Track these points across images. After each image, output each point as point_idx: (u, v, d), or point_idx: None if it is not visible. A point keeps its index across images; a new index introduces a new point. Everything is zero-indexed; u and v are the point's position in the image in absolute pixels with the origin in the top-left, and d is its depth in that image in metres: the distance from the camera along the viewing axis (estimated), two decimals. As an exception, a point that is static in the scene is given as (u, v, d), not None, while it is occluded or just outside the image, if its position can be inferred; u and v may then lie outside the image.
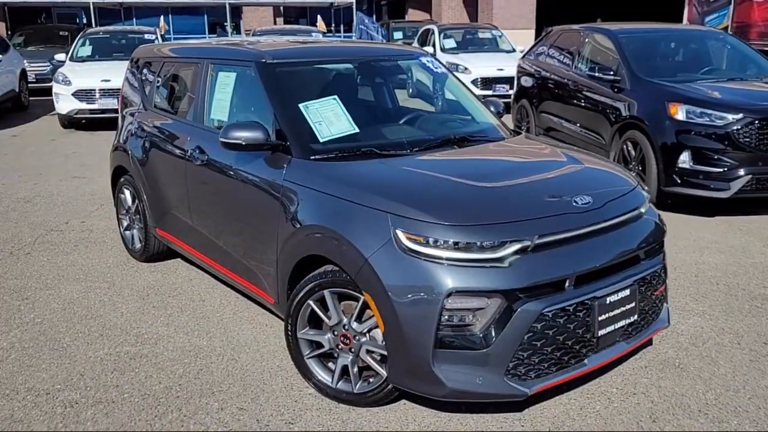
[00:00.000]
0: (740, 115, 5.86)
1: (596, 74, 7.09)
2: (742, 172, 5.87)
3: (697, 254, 5.24)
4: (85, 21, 21.51)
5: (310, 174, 3.34)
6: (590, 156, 3.86)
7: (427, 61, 4.37)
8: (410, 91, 4.55)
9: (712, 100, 6.07)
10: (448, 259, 2.76)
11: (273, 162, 3.51)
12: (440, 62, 4.52)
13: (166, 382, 3.45)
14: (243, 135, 3.42)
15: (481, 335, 2.75)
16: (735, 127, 5.85)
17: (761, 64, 7.26)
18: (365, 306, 3.02)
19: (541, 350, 2.84)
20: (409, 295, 2.78)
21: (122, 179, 5.18)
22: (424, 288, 2.75)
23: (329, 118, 3.58)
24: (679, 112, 6.10)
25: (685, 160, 6.05)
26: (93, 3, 17.08)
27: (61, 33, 17.80)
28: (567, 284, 2.87)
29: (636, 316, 3.14)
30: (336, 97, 3.68)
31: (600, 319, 2.96)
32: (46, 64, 15.97)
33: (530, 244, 2.82)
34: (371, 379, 3.13)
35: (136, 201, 5.01)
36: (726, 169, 5.91)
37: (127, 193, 5.15)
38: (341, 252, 3.01)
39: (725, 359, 3.62)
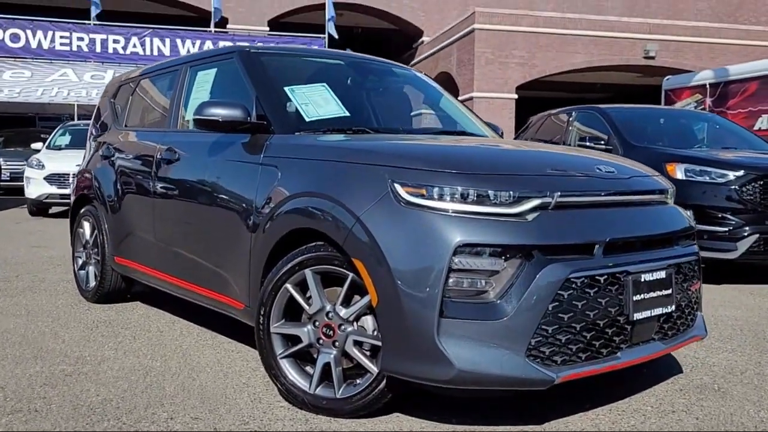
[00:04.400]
0: (741, 172, 5.62)
1: (587, 144, 6.89)
2: (748, 231, 5.54)
3: (712, 309, 4.77)
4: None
5: (293, 146, 2.93)
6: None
7: (421, 75, 4.10)
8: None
9: (712, 158, 5.86)
10: (455, 211, 2.31)
11: (252, 146, 3.09)
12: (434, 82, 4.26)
13: (105, 395, 2.82)
14: (220, 112, 3.03)
15: (497, 302, 2.25)
16: (737, 185, 5.60)
17: (752, 141, 7.15)
18: (353, 286, 2.52)
19: (569, 327, 2.32)
20: (409, 254, 2.30)
21: (82, 211, 4.70)
22: (427, 243, 2.28)
23: (317, 102, 3.22)
24: (678, 172, 5.85)
25: (687, 220, 5.72)
26: (77, 106, 17.13)
27: (42, 135, 17.67)
28: (596, 250, 2.41)
29: (673, 307, 2.65)
30: (325, 84, 3.35)
31: (635, 299, 2.47)
32: (22, 163, 15.60)
33: (551, 201, 2.39)
34: (358, 380, 2.56)
35: (95, 232, 4.50)
36: (731, 228, 5.57)
37: (86, 225, 4.65)
38: (327, 217, 2.53)
39: (771, 386, 3.10)
